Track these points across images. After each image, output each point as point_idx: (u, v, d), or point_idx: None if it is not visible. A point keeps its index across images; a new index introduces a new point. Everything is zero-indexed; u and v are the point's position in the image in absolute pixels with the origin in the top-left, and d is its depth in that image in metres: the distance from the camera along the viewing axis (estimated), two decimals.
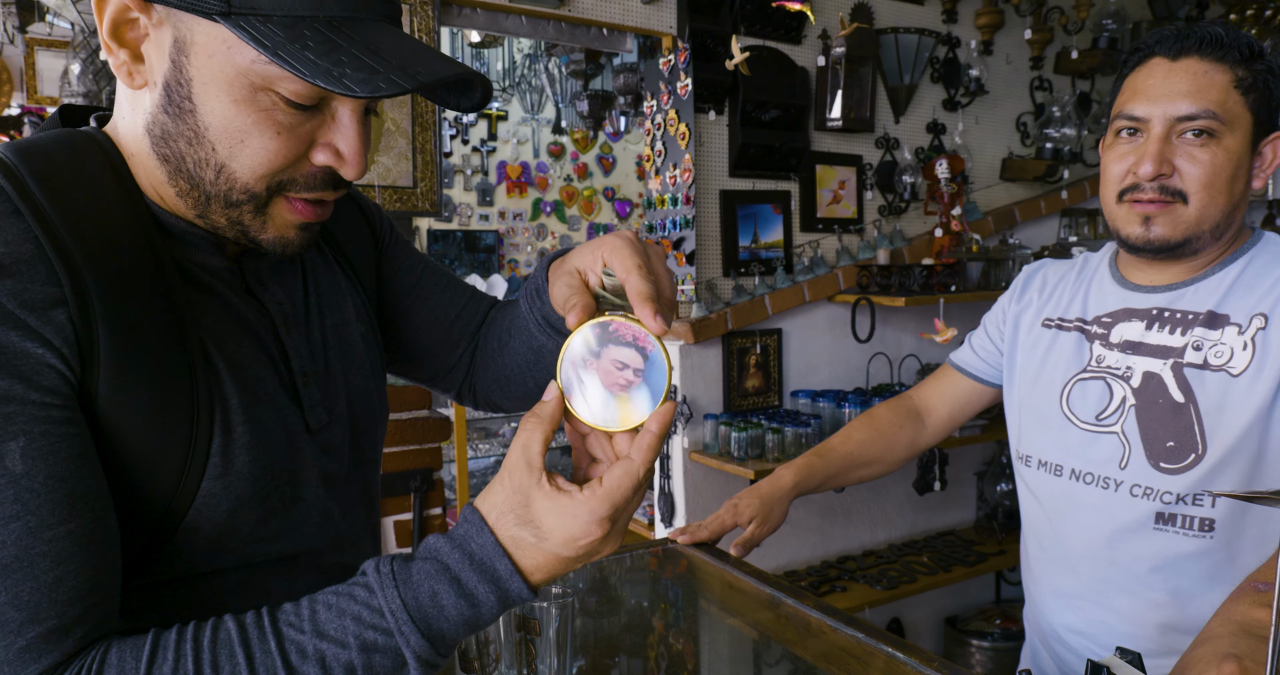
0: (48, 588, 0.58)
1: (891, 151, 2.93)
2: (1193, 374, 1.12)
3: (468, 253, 6.28)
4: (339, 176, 0.70)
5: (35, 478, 0.58)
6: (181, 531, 0.67)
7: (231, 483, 0.69)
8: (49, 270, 0.60)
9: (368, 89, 0.60)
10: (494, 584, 0.64)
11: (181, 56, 0.64)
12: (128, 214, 0.67)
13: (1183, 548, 1.13)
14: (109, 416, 0.62)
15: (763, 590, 1.28)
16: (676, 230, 2.53)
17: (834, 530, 2.82)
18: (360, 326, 0.88)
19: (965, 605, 3.08)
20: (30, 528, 0.58)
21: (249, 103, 0.64)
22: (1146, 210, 1.13)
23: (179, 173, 0.67)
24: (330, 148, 0.68)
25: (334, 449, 0.80)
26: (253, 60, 0.63)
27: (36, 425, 0.58)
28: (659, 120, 2.59)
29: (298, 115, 0.66)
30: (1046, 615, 1.29)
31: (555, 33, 2.35)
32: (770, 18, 2.58)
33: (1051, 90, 3.29)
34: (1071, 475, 1.23)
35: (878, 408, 1.56)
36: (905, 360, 2.93)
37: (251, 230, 0.70)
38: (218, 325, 0.71)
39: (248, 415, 0.70)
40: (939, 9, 2.98)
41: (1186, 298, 1.17)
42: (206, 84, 0.64)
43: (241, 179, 0.66)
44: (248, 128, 0.65)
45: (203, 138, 0.65)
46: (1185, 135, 1.10)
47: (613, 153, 7.00)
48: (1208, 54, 1.10)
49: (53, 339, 0.59)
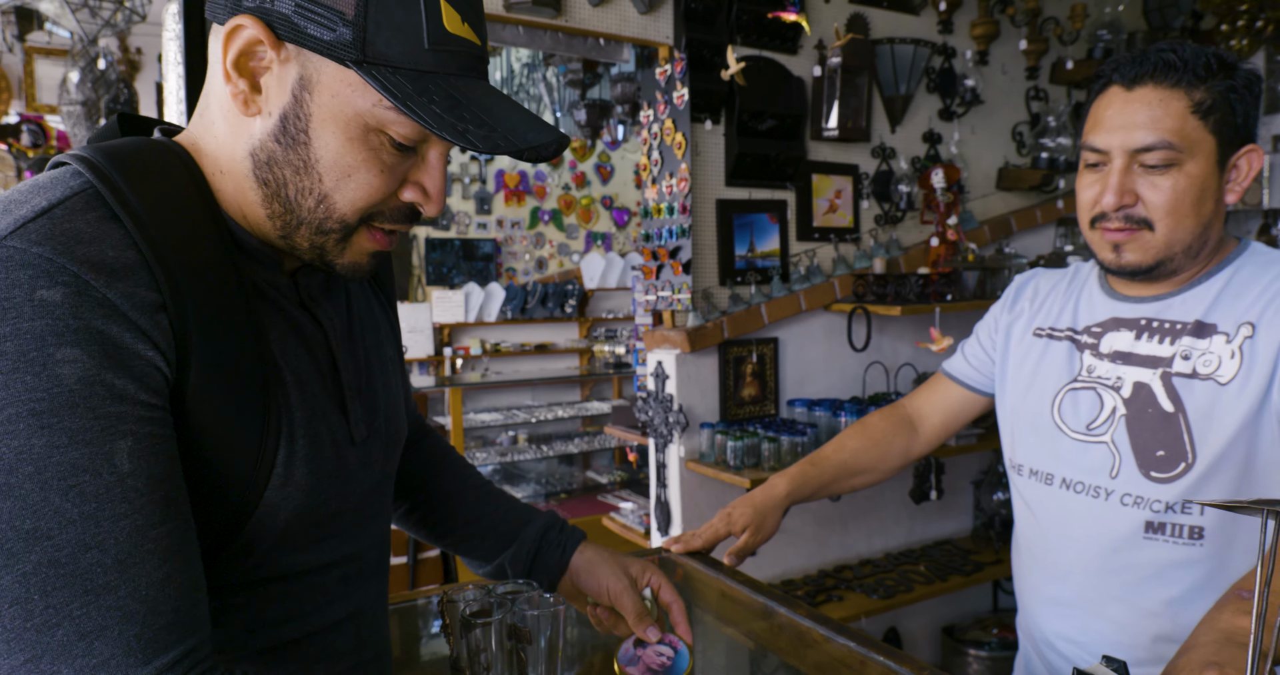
0: (160, 583, 0.60)
1: (888, 161, 2.94)
2: (1181, 383, 1.13)
3: (466, 261, 6.29)
4: (417, 211, 0.76)
5: (140, 477, 0.60)
6: (239, 540, 0.70)
7: (290, 493, 0.72)
8: (150, 276, 0.63)
9: (486, 146, 0.67)
10: None
11: (305, 93, 0.68)
12: (211, 227, 0.70)
13: (1173, 556, 1.13)
14: (191, 419, 0.65)
15: (757, 599, 1.28)
16: (673, 239, 2.54)
17: (830, 539, 2.82)
18: (390, 348, 0.94)
19: (962, 614, 3.08)
20: (138, 526, 0.60)
21: (361, 141, 0.69)
22: (1115, 238, 1.15)
23: (276, 197, 0.71)
24: (418, 186, 0.74)
25: (371, 462, 0.84)
26: (374, 104, 0.68)
27: (143, 426, 0.61)
28: (655, 130, 2.60)
29: (398, 156, 0.71)
30: (1039, 623, 1.30)
31: (552, 43, 2.36)
32: (766, 28, 2.60)
33: (1047, 100, 3.31)
34: (1062, 484, 1.23)
35: (871, 416, 1.57)
36: (901, 369, 2.93)
37: (330, 255, 0.75)
38: (282, 339, 0.75)
39: (307, 428, 0.74)
40: (934, 20, 3.00)
41: (1174, 308, 1.18)
42: (325, 121, 0.68)
43: (340, 210, 0.71)
44: (356, 164, 0.70)
45: (311, 169, 0.70)
46: (1145, 165, 1.11)
47: (611, 161, 7.02)
48: (1162, 80, 1.10)
49: (159, 342, 0.62)
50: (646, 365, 2.62)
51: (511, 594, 0.91)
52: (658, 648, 1.01)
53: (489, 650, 0.85)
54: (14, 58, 3.43)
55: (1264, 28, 2.66)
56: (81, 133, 2.97)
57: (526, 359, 6.14)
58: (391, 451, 0.89)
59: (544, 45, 2.36)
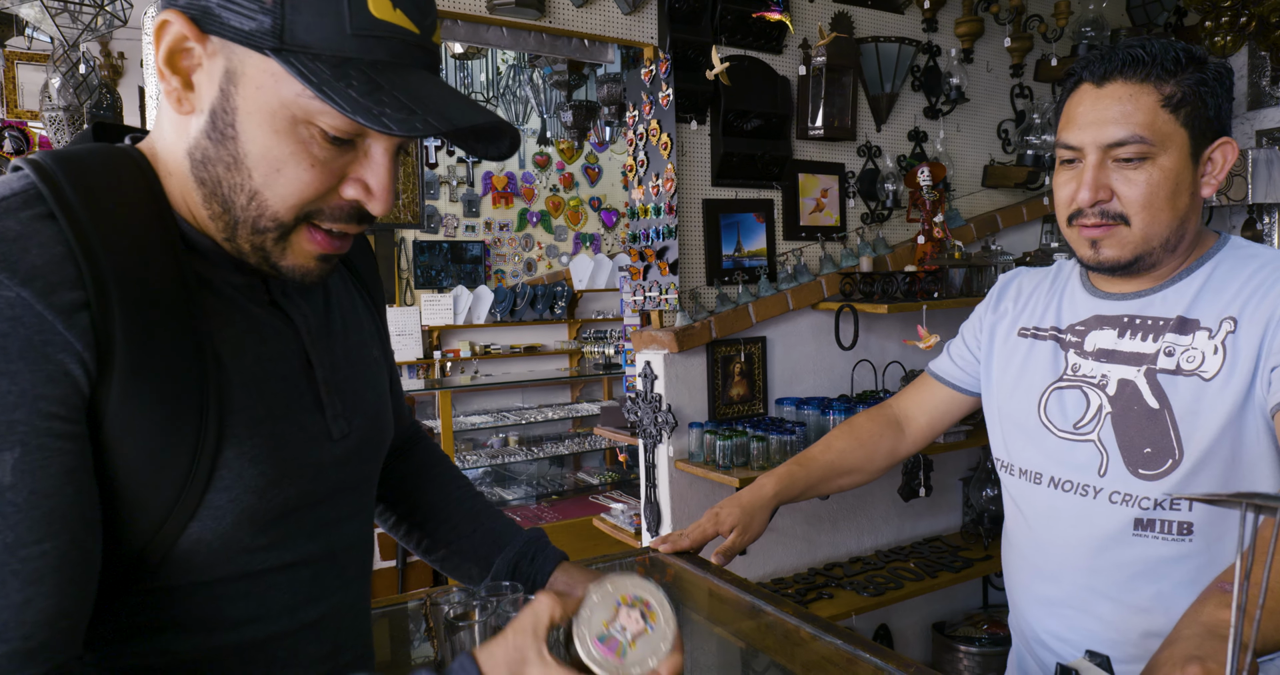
0: (17, 607, 0.58)
1: (873, 159, 2.95)
2: (1166, 380, 1.13)
3: (454, 264, 6.28)
4: (364, 211, 0.73)
5: (20, 492, 0.58)
6: (184, 540, 0.69)
7: (238, 495, 0.70)
8: (77, 274, 0.62)
9: (404, 128, 0.64)
10: None
11: (230, 86, 0.67)
12: (156, 228, 0.69)
13: (1163, 552, 1.13)
14: (117, 422, 0.64)
15: (745, 599, 1.28)
16: (660, 240, 2.54)
17: (820, 537, 2.82)
18: (376, 349, 0.93)
19: (953, 611, 3.08)
20: (6, 544, 0.58)
21: (289, 134, 0.67)
22: (1092, 234, 1.15)
23: (214, 196, 0.70)
24: (360, 183, 0.72)
25: (349, 460, 0.83)
26: (297, 94, 0.66)
27: (35, 437, 0.59)
28: (641, 130, 2.60)
29: (333, 150, 0.69)
30: (1030, 622, 1.30)
31: (536, 44, 2.36)
32: (751, 28, 2.60)
33: (1032, 97, 3.32)
34: (1051, 483, 1.24)
35: (858, 417, 1.57)
36: (889, 367, 2.94)
37: (272, 257, 0.73)
38: (238, 337, 0.73)
39: (260, 429, 0.72)
40: (919, 18, 3.01)
41: (1156, 304, 1.18)
42: (251, 113, 0.67)
43: (271, 207, 0.70)
44: (284, 157, 0.68)
45: (241, 164, 0.68)
46: (1119, 160, 1.11)
47: (599, 162, 7.02)
48: (1131, 76, 1.10)
49: (76, 343, 0.61)
50: (635, 366, 2.62)
51: (496, 596, 0.91)
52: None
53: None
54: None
55: (1247, 24, 2.68)
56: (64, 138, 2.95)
57: (516, 361, 6.13)
58: (374, 451, 0.89)
59: (528, 46, 2.36)
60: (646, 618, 0.69)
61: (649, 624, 0.68)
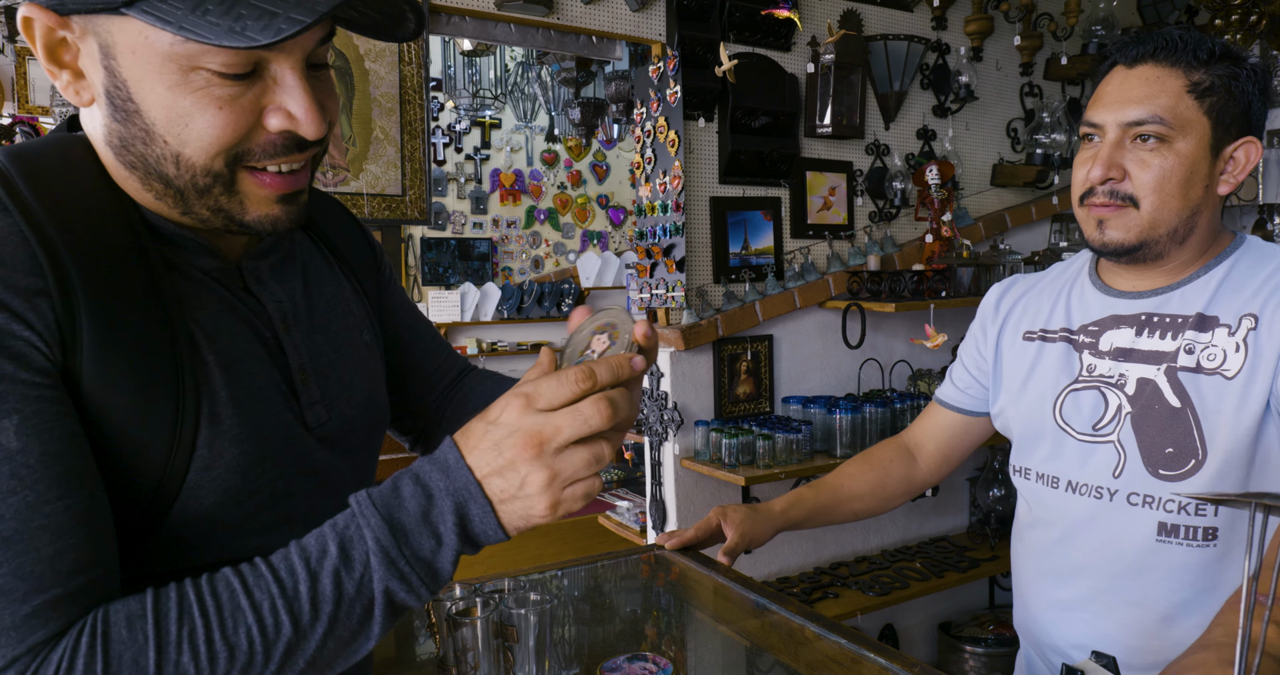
0: (50, 559, 0.59)
1: (882, 158, 2.93)
2: (1187, 378, 1.11)
3: (461, 260, 6.28)
4: (301, 139, 0.70)
5: (30, 454, 0.59)
6: (169, 523, 0.68)
7: (219, 475, 0.69)
8: (33, 261, 0.61)
9: (270, 34, 0.61)
10: (444, 472, 0.66)
11: (110, 61, 0.65)
12: (114, 212, 0.68)
13: (1186, 559, 1.11)
14: (92, 404, 0.63)
15: (750, 598, 1.28)
16: (667, 237, 2.54)
17: (826, 536, 2.82)
18: (368, 334, 0.91)
19: (959, 611, 3.07)
20: (29, 502, 0.59)
21: (183, 85, 0.65)
22: (1100, 214, 1.15)
23: (150, 175, 0.69)
24: (281, 111, 0.68)
25: (333, 447, 0.81)
26: (170, 42, 0.63)
27: (29, 403, 0.60)
28: (648, 127, 2.60)
29: (236, 86, 0.66)
30: (1044, 627, 1.28)
31: (545, 40, 2.36)
32: (759, 25, 2.59)
33: (1041, 96, 3.30)
34: (1068, 487, 1.21)
35: (874, 448, 1.56)
36: (896, 366, 2.93)
37: (234, 214, 0.71)
38: (212, 319, 0.72)
39: (238, 408, 0.71)
40: (928, 16, 2.99)
41: (1173, 302, 1.16)
42: (140, 80, 0.65)
43: (198, 161, 0.67)
44: (188, 109, 0.65)
45: (153, 133, 0.66)
46: (1137, 140, 1.11)
47: (606, 160, 7.01)
48: (1162, 59, 1.11)
49: (36, 324, 0.61)
50: None
51: (498, 592, 0.91)
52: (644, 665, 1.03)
53: (476, 649, 0.84)
54: (6, 60, 3.43)
55: (1258, 22, 2.66)
56: None
57: (523, 358, 6.14)
58: (362, 438, 0.87)
59: (536, 43, 2.35)
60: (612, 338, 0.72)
61: (613, 342, 0.72)
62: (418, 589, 0.66)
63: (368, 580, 0.64)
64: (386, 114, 2.16)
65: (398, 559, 0.64)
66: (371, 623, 0.65)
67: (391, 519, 0.65)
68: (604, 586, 1.48)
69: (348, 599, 0.64)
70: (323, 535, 0.65)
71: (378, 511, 0.64)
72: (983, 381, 1.41)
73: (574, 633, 1.27)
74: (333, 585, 0.63)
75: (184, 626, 0.60)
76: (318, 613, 0.63)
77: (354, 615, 0.64)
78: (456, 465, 0.66)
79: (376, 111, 2.14)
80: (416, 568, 0.65)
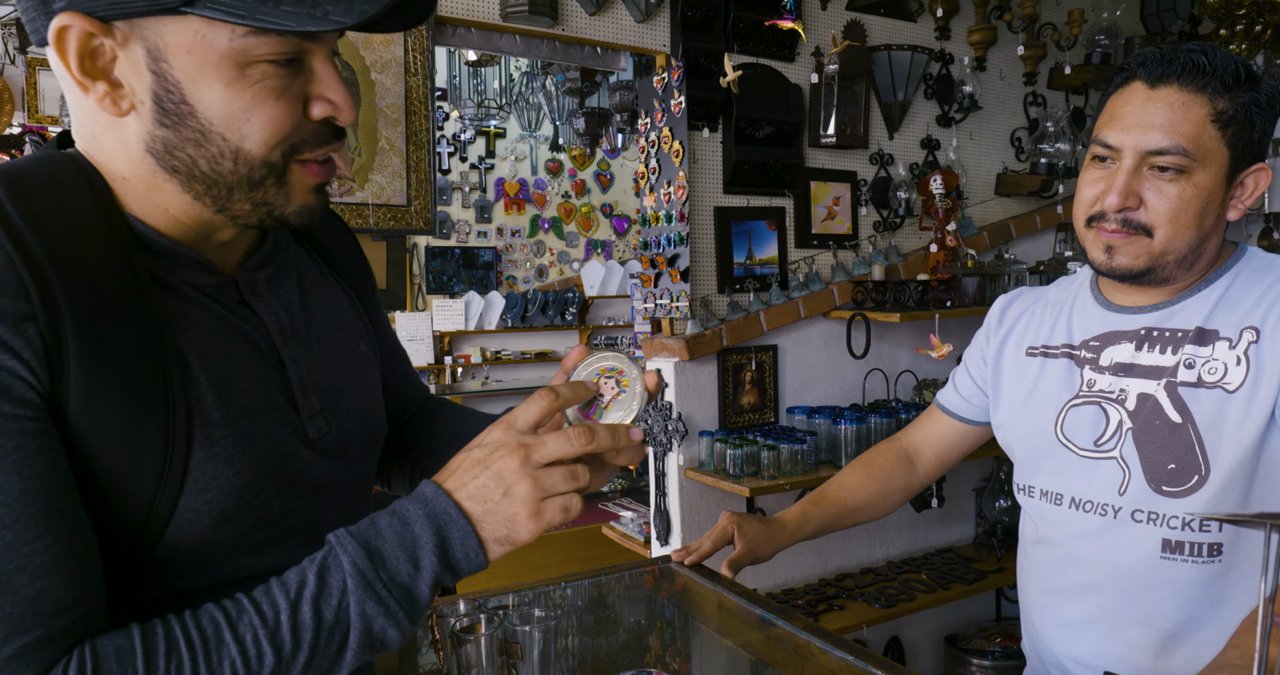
0: (29, 601, 0.58)
1: (886, 167, 2.93)
2: (1187, 392, 1.10)
3: (466, 269, 6.29)
4: (338, 128, 0.72)
5: (10, 492, 0.58)
6: (162, 547, 0.67)
7: (214, 498, 0.68)
8: (19, 285, 0.60)
9: (355, 15, 0.63)
10: (421, 502, 0.68)
11: (161, 63, 0.64)
12: (103, 231, 0.67)
13: (1192, 575, 1.10)
14: (80, 430, 0.62)
15: (754, 611, 1.27)
16: (671, 247, 2.53)
17: (831, 548, 2.80)
18: (364, 346, 0.90)
19: (965, 623, 3.05)
20: (7, 542, 0.58)
21: (240, 80, 0.66)
22: (1110, 240, 1.11)
23: (192, 178, 0.69)
24: (322, 99, 0.70)
25: (333, 460, 0.81)
26: (229, 38, 0.64)
27: (10, 438, 0.59)
28: (653, 137, 2.60)
29: (286, 76, 0.67)
30: (1050, 646, 1.26)
31: (550, 51, 2.36)
32: (763, 36, 2.59)
33: (1045, 105, 3.30)
34: (1072, 504, 1.20)
35: (872, 453, 1.55)
36: (901, 376, 2.92)
37: (277, 207, 0.72)
38: (205, 337, 0.71)
39: (232, 429, 0.70)
40: (931, 26, 3.00)
41: (1174, 317, 1.15)
42: (195, 80, 0.65)
43: (258, 154, 0.68)
44: (249, 103, 0.66)
45: (210, 133, 0.67)
46: (1155, 169, 1.07)
47: (610, 169, 7.03)
48: (1188, 83, 1.06)
49: (22, 351, 0.59)
50: None
51: (502, 608, 0.90)
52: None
53: (480, 666, 0.84)
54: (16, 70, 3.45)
55: (1262, 32, 2.66)
56: None
57: (527, 367, 6.14)
58: (362, 450, 0.86)
59: (541, 54, 2.36)
60: (620, 384, 0.77)
61: (622, 389, 0.77)
62: (395, 614, 0.66)
63: (345, 605, 0.65)
64: (392, 125, 2.16)
65: (374, 582, 0.65)
66: (346, 650, 0.66)
67: (368, 546, 0.66)
68: (608, 599, 1.47)
69: (327, 626, 0.64)
70: (302, 569, 0.66)
71: (354, 540, 0.66)
72: (985, 390, 1.41)
73: (578, 645, 1.26)
74: (312, 613, 0.64)
75: (172, 660, 0.60)
76: (299, 642, 0.63)
77: (333, 643, 0.65)
78: (434, 494, 0.69)
79: (382, 122, 2.15)
80: (394, 591, 0.66)
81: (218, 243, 0.75)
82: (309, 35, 0.67)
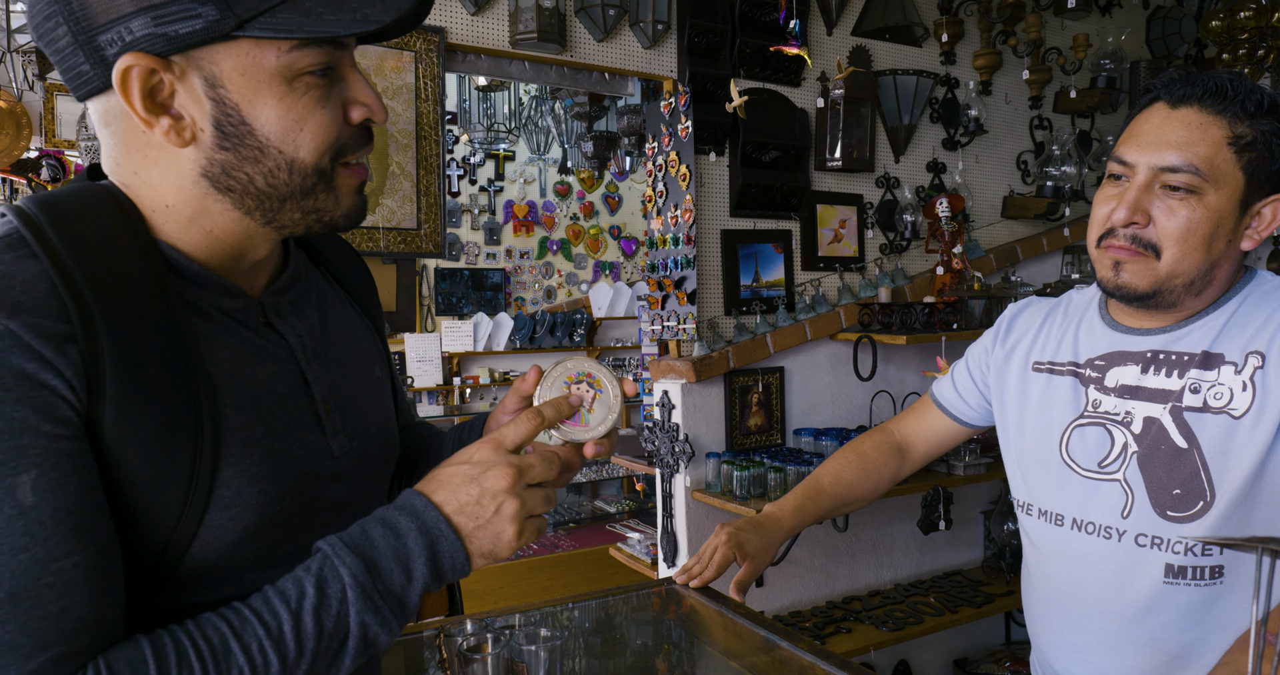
0: (55, 617, 0.60)
1: (892, 191, 2.95)
2: (1193, 418, 1.10)
3: (475, 291, 6.32)
4: (369, 131, 0.77)
5: (44, 510, 0.60)
6: (188, 561, 0.70)
7: (239, 514, 0.71)
8: (61, 307, 0.63)
9: (391, 14, 0.69)
10: (411, 515, 0.72)
11: (218, 90, 0.69)
12: (138, 257, 0.70)
13: (1195, 599, 1.10)
14: (114, 447, 0.65)
15: (760, 633, 1.27)
16: (678, 270, 2.55)
17: (838, 570, 2.79)
18: (378, 368, 0.94)
19: (974, 647, 3.03)
20: (38, 559, 0.60)
21: (289, 94, 0.70)
22: (1118, 256, 1.12)
23: (247, 195, 0.73)
24: (357, 103, 0.75)
25: (350, 477, 0.84)
26: (277, 56, 0.68)
27: (49, 458, 0.61)
28: (660, 161, 2.63)
29: (325, 85, 0.72)
30: (1057, 668, 1.26)
31: (558, 77, 2.40)
32: (769, 61, 2.62)
33: (1051, 129, 3.32)
34: (1073, 525, 1.20)
35: (863, 444, 1.56)
36: (908, 398, 2.92)
37: (327, 210, 0.76)
38: (232, 359, 0.74)
39: (258, 447, 0.73)
40: (937, 51, 3.03)
41: (1181, 340, 1.14)
42: (251, 100, 0.69)
43: (310, 162, 0.72)
44: (301, 115, 0.71)
45: (267, 149, 0.71)
46: (1167, 187, 1.07)
47: (619, 191, 7.07)
48: (1208, 105, 1.06)
49: (65, 371, 0.62)
50: (653, 395, 2.62)
51: (509, 628, 0.91)
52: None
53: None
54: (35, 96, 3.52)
55: (1265, 56, 2.68)
56: None
57: None
58: (378, 468, 0.89)
59: (550, 80, 2.39)
60: (595, 386, 0.81)
61: (597, 390, 0.80)
62: (389, 621, 0.70)
63: (344, 615, 0.68)
64: (403, 150, 2.20)
65: (373, 594, 0.69)
66: (344, 654, 0.70)
67: (365, 558, 0.69)
68: (615, 620, 1.47)
69: (327, 634, 0.68)
70: (298, 579, 0.69)
71: (351, 552, 0.69)
72: (985, 392, 1.42)
73: (584, 666, 1.27)
74: (314, 623, 0.67)
75: (184, 670, 0.63)
76: (302, 650, 0.67)
77: (331, 649, 0.69)
78: (425, 507, 0.72)
79: (393, 147, 2.18)
80: (389, 601, 0.70)
81: (247, 265, 0.78)
82: (339, 43, 0.71)
